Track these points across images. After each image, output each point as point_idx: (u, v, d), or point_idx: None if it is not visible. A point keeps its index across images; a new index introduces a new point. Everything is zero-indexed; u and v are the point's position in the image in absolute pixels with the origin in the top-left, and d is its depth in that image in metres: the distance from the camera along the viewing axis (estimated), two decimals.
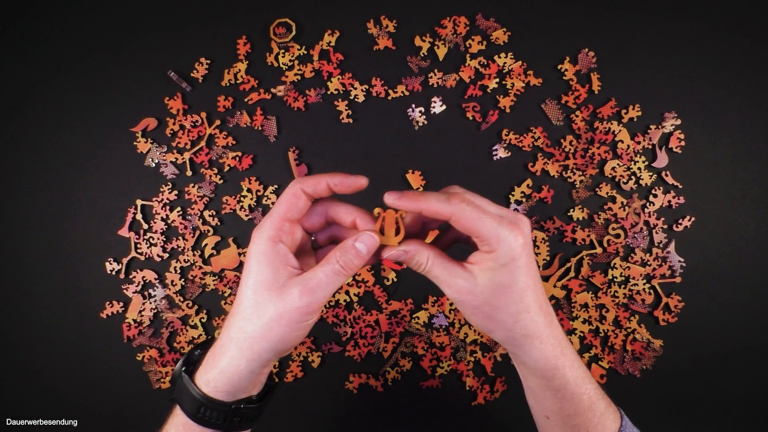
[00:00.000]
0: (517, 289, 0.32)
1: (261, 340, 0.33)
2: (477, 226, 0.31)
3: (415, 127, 0.73)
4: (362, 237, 0.33)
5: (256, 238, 0.34)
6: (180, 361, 0.38)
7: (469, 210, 0.32)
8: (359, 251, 0.33)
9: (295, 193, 0.34)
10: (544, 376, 0.35)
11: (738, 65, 0.71)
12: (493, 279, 0.32)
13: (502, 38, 0.73)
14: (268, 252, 0.33)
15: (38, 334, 0.75)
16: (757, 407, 0.72)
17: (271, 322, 0.32)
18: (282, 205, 0.34)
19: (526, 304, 0.33)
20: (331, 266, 0.33)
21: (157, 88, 0.74)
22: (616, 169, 0.72)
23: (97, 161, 0.74)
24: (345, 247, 0.33)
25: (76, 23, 0.75)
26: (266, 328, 0.32)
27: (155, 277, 0.74)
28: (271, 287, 0.32)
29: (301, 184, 0.34)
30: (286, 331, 0.33)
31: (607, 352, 0.72)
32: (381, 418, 0.74)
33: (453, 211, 0.32)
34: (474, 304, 0.33)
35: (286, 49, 0.74)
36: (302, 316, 0.33)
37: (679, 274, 0.72)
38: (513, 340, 0.34)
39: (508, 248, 0.31)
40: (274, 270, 0.33)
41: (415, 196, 0.33)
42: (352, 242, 0.33)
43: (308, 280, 0.33)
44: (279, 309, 0.32)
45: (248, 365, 0.34)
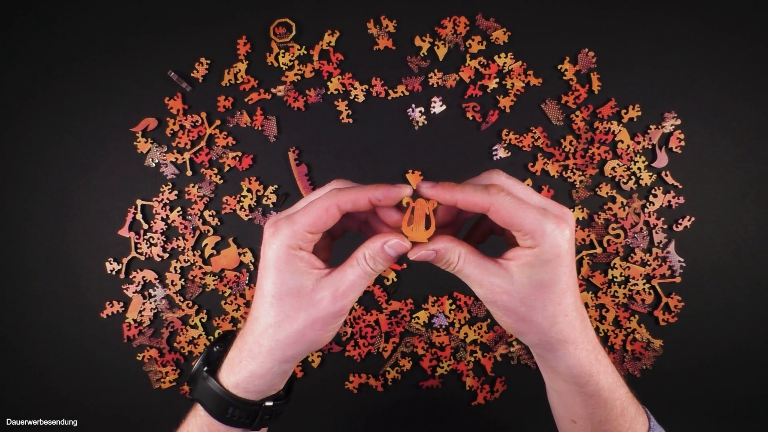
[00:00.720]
0: (558, 290, 0.30)
1: (294, 345, 0.32)
2: (519, 218, 0.28)
3: (415, 127, 0.74)
4: (393, 242, 0.30)
5: (273, 243, 0.30)
6: (199, 359, 0.37)
7: (509, 201, 0.28)
8: (388, 255, 0.31)
9: (329, 209, 0.30)
10: (577, 382, 0.33)
11: (738, 65, 0.71)
12: (533, 277, 0.29)
13: (502, 38, 0.73)
14: (289, 259, 0.30)
15: (38, 334, 0.75)
16: (757, 407, 0.72)
17: (304, 328, 0.31)
18: (309, 216, 0.30)
19: (565, 307, 0.30)
20: (361, 268, 0.31)
21: (157, 88, 0.74)
22: (616, 169, 0.72)
23: (97, 161, 0.74)
24: (374, 249, 0.31)
25: (76, 23, 0.75)
26: (299, 334, 0.31)
27: (155, 277, 0.74)
28: (299, 294, 0.31)
29: (337, 198, 0.30)
30: (320, 334, 0.32)
31: (607, 352, 0.72)
32: (381, 418, 0.74)
33: (492, 202, 0.29)
34: (508, 304, 0.30)
35: (286, 49, 0.74)
36: (335, 319, 0.31)
37: (679, 274, 0.72)
38: (547, 344, 0.32)
39: (554, 243, 0.28)
40: (300, 276, 0.30)
41: (451, 187, 0.30)
42: (381, 245, 0.30)
43: (339, 282, 0.31)
44: (312, 315, 0.31)
45: (281, 367, 0.33)
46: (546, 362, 0.35)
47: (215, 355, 0.37)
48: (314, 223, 0.30)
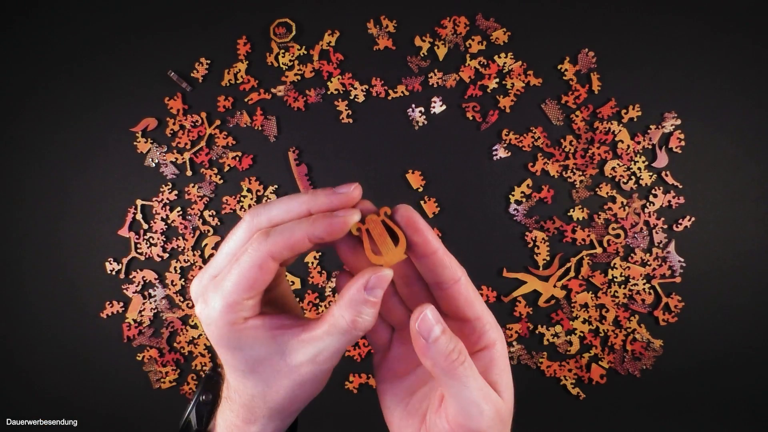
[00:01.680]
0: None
1: (290, 406, 0.27)
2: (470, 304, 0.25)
3: (415, 127, 0.73)
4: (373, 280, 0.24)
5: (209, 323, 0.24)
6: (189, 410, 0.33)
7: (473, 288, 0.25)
8: (375, 300, 0.24)
9: (262, 266, 0.23)
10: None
11: (738, 65, 0.71)
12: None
13: (502, 38, 0.73)
14: (238, 336, 0.24)
15: (38, 334, 0.75)
16: (757, 407, 0.72)
17: (292, 392, 0.26)
18: (240, 282, 0.23)
19: None
20: (344, 336, 0.24)
21: (157, 88, 0.74)
22: (616, 169, 0.72)
23: (97, 161, 0.74)
24: (355, 303, 0.24)
25: (76, 23, 0.75)
26: (290, 399, 0.26)
27: (155, 277, 0.74)
28: (272, 362, 0.25)
29: (269, 248, 0.23)
30: (313, 391, 0.27)
31: (607, 352, 0.72)
32: (381, 418, 0.74)
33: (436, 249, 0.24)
34: None
35: (286, 49, 0.74)
36: (325, 375, 0.26)
37: (679, 274, 0.72)
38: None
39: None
40: (262, 346, 0.24)
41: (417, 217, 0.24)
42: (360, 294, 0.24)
43: (317, 348, 0.24)
44: (296, 380, 0.25)
45: (283, 423, 0.28)
46: None
47: (204, 408, 0.33)
48: (249, 287, 0.23)
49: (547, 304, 0.73)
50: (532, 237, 0.72)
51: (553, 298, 0.73)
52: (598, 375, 0.72)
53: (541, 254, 0.72)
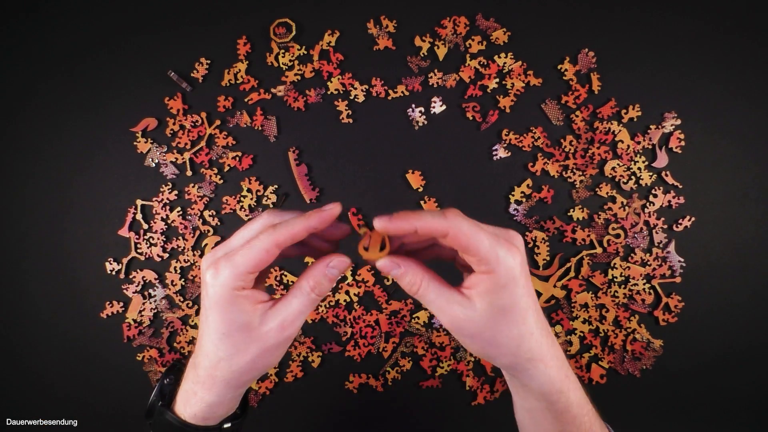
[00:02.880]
0: (520, 311, 0.31)
1: (248, 373, 0.33)
2: (475, 242, 0.29)
3: (415, 127, 0.73)
4: (334, 261, 0.32)
5: (215, 284, 0.31)
6: (153, 393, 0.38)
7: (467, 225, 0.29)
8: (332, 276, 0.32)
9: (268, 250, 0.30)
10: (548, 400, 0.34)
11: (738, 65, 0.71)
12: (494, 303, 0.30)
13: (502, 38, 0.73)
14: (233, 300, 0.31)
15: (38, 334, 0.75)
16: (757, 407, 0.72)
17: (255, 358, 0.32)
18: (249, 258, 0.30)
19: (529, 327, 0.31)
20: (306, 296, 0.32)
21: (157, 88, 0.74)
22: (616, 169, 0.72)
23: (97, 161, 0.74)
24: (317, 274, 0.32)
25: (76, 23, 0.75)
26: (252, 363, 0.32)
27: (155, 277, 0.74)
28: (248, 329, 0.32)
29: (275, 237, 0.30)
30: (270, 361, 0.33)
31: (607, 352, 0.72)
32: (381, 418, 0.74)
33: (450, 226, 0.29)
34: (473, 331, 0.31)
35: (286, 49, 0.74)
36: (284, 345, 0.33)
37: (679, 274, 0.72)
38: (517, 365, 0.33)
39: (508, 267, 0.30)
40: (246, 313, 0.31)
41: (408, 215, 0.30)
42: (323, 268, 0.32)
43: (284, 313, 0.32)
44: (261, 347, 0.32)
45: (237, 392, 0.35)
46: (517, 381, 0.35)
47: (167, 388, 0.38)
48: (255, 264, 0.30)
49: (547, 304, 0.73)
50: (532, 237, 0.72)
51: (553, 298, 0.73)
52: (598, 375, 0.72)
53: (541, 254, 0.72)
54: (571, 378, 0.35)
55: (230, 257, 0.30)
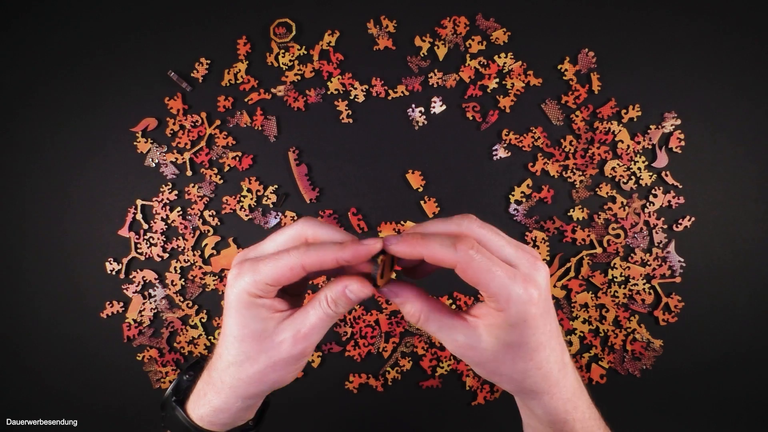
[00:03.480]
0: (528, 349, 0.29)
1: (256, 384, 0.32)
2: (485, 281, 0.27)
3: (415, 127, 0.73)
4: (354, 286, 0.30)
5: (235, 287, 0.30)
6: (170, 387, 0.38)
7: (478, 261, 0.27)
8: (350, 300, 0.30)
9: (293, 268, 0.29)
10: (552, 427, 0.33)
11: (738, 65, 0.71)
12: (500, 338, 0.29)
13: (502, 38, 0.73)
14: (249, 305, 0.30)
15: (38, 334, 0.75)
16: (757, 407, 0.72)
17: (265, 369, 0.31)
18: (273, 270, 0.29)
19: (537, 362, 0.30)
20: (323, 311, 0.30)
21: (157, 88, 0.74)
22: (616, 169, 0.72)
23: (97, 161, 0.74)
24: (336, 292, 0.30)
25: (76, 23, 0.75)
26: (260, 374, 0.31)
27: (155, 277, 0.74)
28: (261, 337, 0.31)
29: (304, 259, 0.29)
30: (281, 375, 0.32)
31: (607, 352, 0.72)
32: (381, 418, 0.74)
33: (458, 260, 0.27)
34: (477, 360, 0.30)
35: (286, 49, 0.74)
36: (297, 361, 0.31)
37: (679, 274, 0.72)
38: (520, 392, 0.32)
39: (520, 309, 0.28)
40: (260, 320, 0.30)
41: (416, 241, 0.28)
42: (342, 289, 0.30)
43: (300, 325, 0.30)
44: (273, 358, 0.31)
45: (244, 403, 0.33)
46: (522, 402, 0.35)
47: (185, 383, 0.38)
48: (276, 278, 0.29)
49: None
50: (532, 237, 0.72)
51: (554, 298, 0.73)
52: (598, 375, 0.72)
53: (541, 254, 0.72)
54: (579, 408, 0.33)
55: (256, 263, 0.30)
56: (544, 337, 0.29)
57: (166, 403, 0.37)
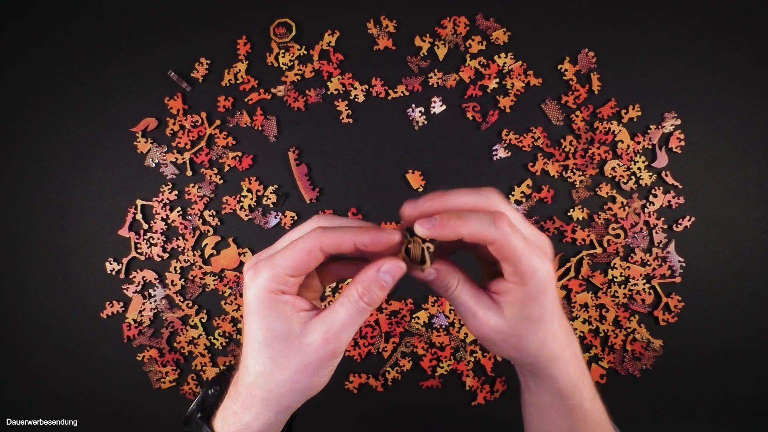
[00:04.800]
0: (546, 317, 0.30)
1: (288, 394, 0.30)
2: (519, 257, 0.27)
3: (415, 127, 0.74)
4: (387, 266, 0.28)
5: (253, 287, 0.28)
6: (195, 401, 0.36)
7: (515, 238, 0.27)
8: (385, 284, 0.28)
9: (311, 251, 0.27)
10: (562, 395, 0.34)
11: (738, 65, 0.71)
12: (522, 312, 0.30)
13: (502, 38, 0.73)
14: (271, 304, 0.28)
15: (38, 334, 0.75)
16: (757, 407, 0.72)
17: (296, 374, 0.29)
18: (290, 259, 0.28)
19: (553, 329, 0.31)
20: (354, 305, 0.28)
21: (157, 88, 0.74)
22: (616, 169, 0.72)
23: (97, 161, 0.74)
24: (368, 280, 0.28)
25: (76, 23, 0.75)
26: (291, 381, 0.29)
27: (155, 277, 0.74)
28: (287, 339, 0.28)
29: (321, 240, 0.27)
30: (314, 380, 0.30)
31: (607, 352, 0.72)
32: (381, 418, 0.74)
33: (498, 239, 0.27)
34: (499, 338, 0.31)
35: (286, 49, 0.74)
36: (329, 362, 0.29)
37: (679, 274, 0.72)
38: (537, 364, 0.33)
39: (540, 281, 0.28)
40: (285, 320, 0.28)
41: (452, 221, 0.27)
42: (375, 273, 0.28)
43: (330, 323, 0.28)
44: (303, 361, 0.29)
45: (276, 417, 0.31)
46: (530, 376, 0.35)
47: (210, 399, 0.36)
48: (296, 266, 0.28)
49: None
50: None
51: None
52: (598, 375, 0.72)
53: None
54: (585, 373, 0.35)
55: (271, 258, 0.28)
56: (556, 303, 0.31)
57: (191, 419, 0.35)
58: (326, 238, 0.27)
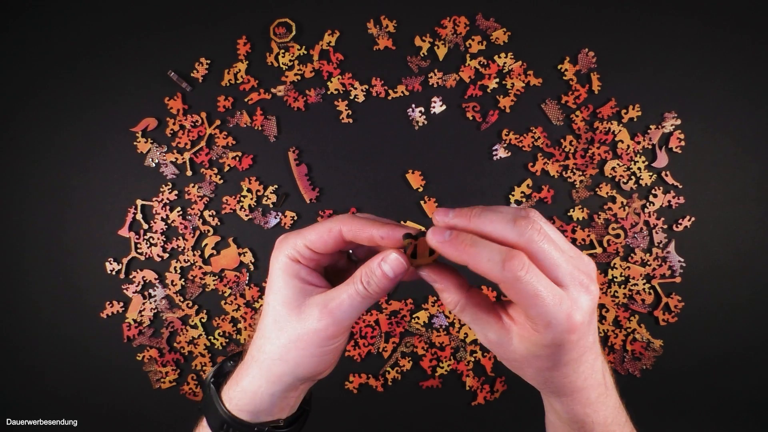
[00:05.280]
0: (558, 364, 0.28)
1: (278, 362, 0.31)
2: (527, 304, 0.25)
3: (415, 127, 0.73)
4: (388, 258, 0.29)
5: (278, 252, 0.31)
6: (211, 370, 0.36)
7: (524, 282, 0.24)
8: (385, 273, 0.29)
9: (331, 230, 0.29)
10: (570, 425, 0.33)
11: (738, 65, 0.71)
12: (530, 350, 0.27)
13: (502, 38, 0.73)
14: (287, 269, 0.30)
15: (38, 334, 0.75)
16: (757, 407, 0.72)
17: (288, 344, 0.30)
18: (313, 233, 0.30)
19: (563, 373, 0.29)
20: (354, 287, 0.29)
21: (157, 88, 0.74)
22: (616, 169, 0.72)
23: (97, 161, 0.74)
24: (370, 267, 0.29)
25: (76, 23, 0.75)
26: (284, 349, 0.30)
27: (155, 277, 0.74)
28: (291, 305, 0.30)
29: (344, 224, 0.29)
30: (304, 356, 0.30)
31: (607, 352, 0.72)
32: (381, 418, 0.74)
33: (503, 281, 0.25)
34: (503, 356, 0.30)
35: (286, 49, 0.74)
36: (322, 341, 0.30)
37: (679, 274, 0.72)
38: (542, 390, 0.32)
39: (557, 336, 0.26)
40: (295, 288, 0.30)
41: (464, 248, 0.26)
42: (377, 263, 0.29)
43: (329, 300, 0.30)
44: (297, 330, 0.30)
45: (268, 387, 0.32)
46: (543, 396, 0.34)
47: (227, 368, 0.36)
48: (315, 240, 0.30)
49: None
50: None
51: None
52: None
53: None
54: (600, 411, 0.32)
55: (299, 231, 0.31)
56: (577, 354, 0.28)
57: (205, 384, 0.36)
58: (349, 223, 0.29)
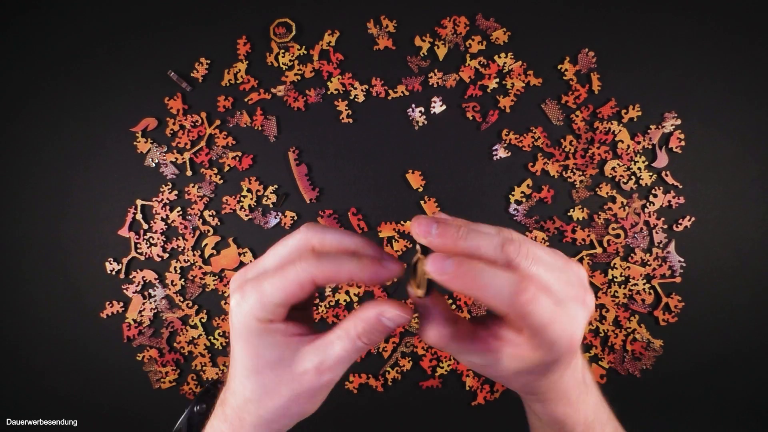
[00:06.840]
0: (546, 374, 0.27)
1: (279, 420, 0.29)
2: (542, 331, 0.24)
3: (415, 127, 0.73)
4: (390, 313, 0.26)
5: (240, 314, 0.26)
6: (182, 417, 0.35)
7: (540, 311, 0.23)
8: (386, 327, 0.26)
9: (302, 284, 0.25)
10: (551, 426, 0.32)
11: (738, 65, 0.71)
12: (521, 366, 0.26)
13: (502, 38, 0.73)
14: (260, 333, 0.26)
15: (38, 334, 0.75)
16: (757, 407, 0.72)
17: (288, 403, 0.28)
18: (279, 289, 0.25)
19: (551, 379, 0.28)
20: (351, 343, 0.27)
21: (157, 88, 0.74)
22: (616, 169, 0.72)
23: (97, 161, 0.74)
24: (368, 321, 0.26)
25: (76, 23, 0.75)
26: (283, 409, 0.28)
27: (155, 277, 0.74)
28: (278, 367, 0.27)
29: (314, 272, 0.25)
30: (307, 407, 0.29)
31: (607, 352, 0.72)
32: (381, 418, 0.74)
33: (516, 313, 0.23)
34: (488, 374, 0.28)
35: (286, 49, 0.74)
36: (322, 392, 0.28)
37: (679, 274, 0.72)
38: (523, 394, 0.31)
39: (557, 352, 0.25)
40: (277, 348, 0.27)
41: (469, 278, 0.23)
42: (376, 317, 0.26)
43: (323, 355, 0.27)
44: (295, 390, 0.27)
45: None
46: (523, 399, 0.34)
47: (197, 417, 0.35)
48: (285, 297, 0.25)
49: None
50: (532, 237, 0.72)
51: None
52: (598, 375, 0.72)
53: None
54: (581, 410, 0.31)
55: (259, 282, 0.26)
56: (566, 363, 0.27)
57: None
58: (320, 270, 0.25)
